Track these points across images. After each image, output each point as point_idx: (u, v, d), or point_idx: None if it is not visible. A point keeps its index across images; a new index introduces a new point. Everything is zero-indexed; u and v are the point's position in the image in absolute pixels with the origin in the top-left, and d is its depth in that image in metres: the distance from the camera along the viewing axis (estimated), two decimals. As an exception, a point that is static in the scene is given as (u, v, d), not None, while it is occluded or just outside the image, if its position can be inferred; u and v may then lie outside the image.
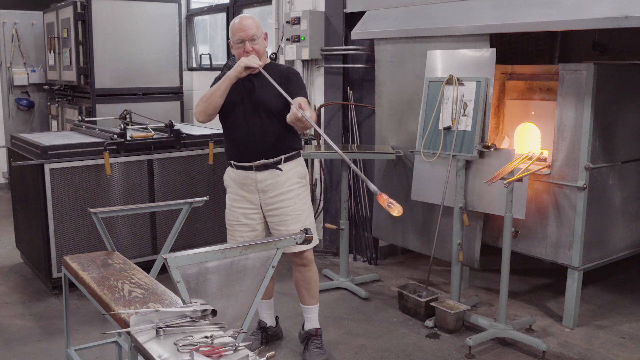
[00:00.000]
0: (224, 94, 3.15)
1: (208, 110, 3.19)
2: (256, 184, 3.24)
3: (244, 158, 3.25)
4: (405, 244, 4.67)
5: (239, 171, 3.28)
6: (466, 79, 3.85)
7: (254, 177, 3.24)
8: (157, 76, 6.57)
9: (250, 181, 3.25)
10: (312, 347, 3.44)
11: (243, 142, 3.24)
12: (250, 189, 3.26)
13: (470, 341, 3.49)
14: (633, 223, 4.16)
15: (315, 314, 3.48)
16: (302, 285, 3.44)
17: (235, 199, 3.32)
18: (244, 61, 3.09)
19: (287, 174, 3.26)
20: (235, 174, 3.30)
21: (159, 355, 1.72)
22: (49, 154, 4.17)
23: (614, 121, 3.85)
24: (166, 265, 2.08)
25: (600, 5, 3.30)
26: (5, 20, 7.47)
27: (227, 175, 3.38)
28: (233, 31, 3.21)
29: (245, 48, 3.17)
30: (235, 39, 3.20)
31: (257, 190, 3.26)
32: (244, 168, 3.26)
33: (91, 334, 3.67)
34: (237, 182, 3.29)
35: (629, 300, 4.33)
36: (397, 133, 4.56)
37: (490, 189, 3.77)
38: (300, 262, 3.37)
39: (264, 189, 3.25)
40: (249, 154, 3.23)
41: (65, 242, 4.26)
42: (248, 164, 3.24)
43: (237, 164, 3.28)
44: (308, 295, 3.45)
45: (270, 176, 3.24)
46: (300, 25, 5.01)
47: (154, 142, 4.60)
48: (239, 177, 3.28)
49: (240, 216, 3.31)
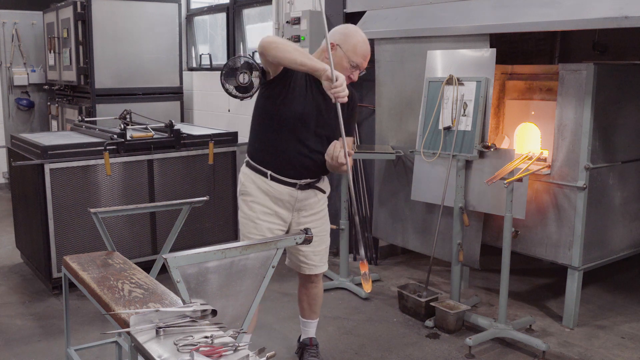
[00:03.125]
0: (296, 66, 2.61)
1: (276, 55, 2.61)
2: (295, 203, 2.96)
3: (289, 173, 2.90)
4: (405, 244, 4.67)
5: (276, 184, 2.91)
6: (466, 79, 3.85)
7: (295, 195, 2.93)
8: (157, 76, 6.57)
9: (290, 198, 2.94)
10: (308, 357, 3.33)
11: (294, 159, 2.88)
12: (287, 206, 2.96)
13: (470, 341, 3.49)
14: (633, 223, 4.16)
15: (314, 328, 3.36)
16: (305, 300, 3.28)
17: (265, 212, 2.95)
18: (343, 84, 2.58)
19: (323, 194, 3.07)
20: (269, 185, 2.92)
21: (159, 355, 1.72)
22: (49, 154, 4.17)
23: (614, 121, 3.85)
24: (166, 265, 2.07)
25: (600, 5, 3.30)
26: (5, 20, 7.47)
27: (250, 182, 2.96)
28: (357, 51, 2.82)
29: (352, 76, 2.87)
30: (355, 60, 2.83)
31: (293, 208, 2.97)
32: (285, 183, 2.91)
33: (91, 334, 3.67)
34: (271, 195, 2.93)
35: (629, 300, 4.33)
36: (397, 133, 4.56)
37: (490, 189, 3.77)
38: (309, 280, 3.21)
39: (300, 208, 2.99)
40: (295, 171, 2.90)
41: (65, 242, 4.26)
42: (292, 181, 2.90)
43: (277, 177, 2.90)
44: (310, 310, 3.31)
45: (310, 195, 2.99)
46: (300, 25, 5.01)
47: (154, 142, 4.61)
48: (275, 191, 2.92)
49: (266, 230, 2.95)
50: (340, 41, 2.83)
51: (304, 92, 2.81)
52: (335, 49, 2.81)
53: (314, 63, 2.58)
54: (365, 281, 2.62)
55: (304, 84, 2.82)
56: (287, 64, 2.61)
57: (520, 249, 4.04)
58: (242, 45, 6.46)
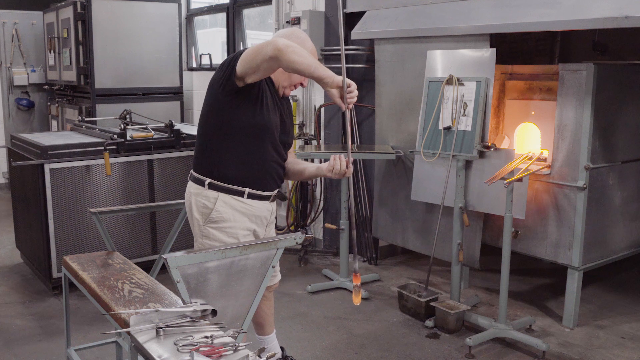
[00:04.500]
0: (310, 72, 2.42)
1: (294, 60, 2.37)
2: (269, 216, 2.82)
3: (266, 186, 2.74)
4: (405, 244, 4.67)
5: (252, 201, 2.70)
6: (466, 79, 3.85)
7: (270, 208, 2.80)
8: (157, 76, 6.57)
9: (266, 213, 2.78)
10: None
11: (272, 167, 2.75)
12: (263, 222, 2.79)
13: (470, 341, 3.49)
14: (633, 223, 4.16)
15: (275, 341, 3.15)
16: (269, 313, 3.07)
17: (244, 235, 2.72)
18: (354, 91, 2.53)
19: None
20: (246, 204, 2.69)
21: (159, 355, 1.72)
22: (49, 154, 4.17)
23: (614, 121, 3.85)
24: (166, 265, 2.08)
25: (600, 5, 3.30)
26: (5, 20, 7.48)
27: (226, 208, 2.67)
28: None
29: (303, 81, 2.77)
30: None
31: (267, 222, 2.83)
32: (261, 198, 2.73)
33: (91, 334, 3.67)
34: (249, 215, 2.71)
35: (629, 300, 4.33)
36: (397, 133, 4.56)
37: (490, 189, 3.77)
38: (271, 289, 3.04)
39: (270, 222, 2.86)
40: (273, 181, 2.77)
41: (65, 242, 4.26)
42: (267, 194, 2.75)
43: (255, 193, 2.70)
44: (268, 325, 3.10)
45: (274, 206, 2.87)
46: (300, 25, 5.01)
47: (154, 142, 4.61)
48: (253, 209, 2.72)
49: None
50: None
51: (271, 100, 2.69)
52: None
53: (324, 70, 2.45)
54: (355, 294, 2.59)
55: (269, 93, 2.68)
56: (301, 69, 2.40)
57: (520, 249, 4.04)
58: (242, 45, 6.47)
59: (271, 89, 2.70)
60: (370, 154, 4.45)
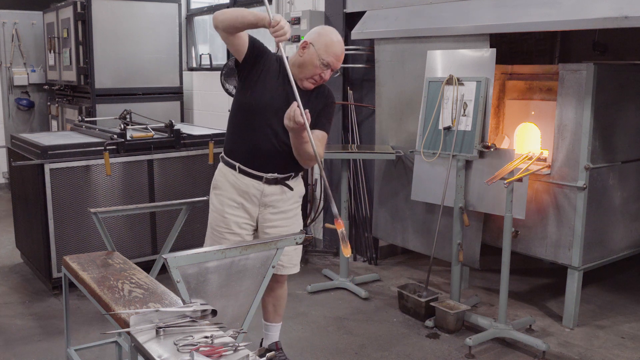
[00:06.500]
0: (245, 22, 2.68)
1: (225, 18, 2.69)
2: (261, 197, 2.95)
3: (255, 165, 2.92)
4: (405, 244, 4.67)
5: (242, 177, 2.93)
6: (466, 79, 3.85)
7: (261, 188, 2.94)
8: (157, 76, 6.57)
9: (256, 192, 2.94)
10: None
11: (262, 148, 2.89)
12: (253, 200, 2.96)
13: (470, 341, 3.49)
14: (633, 223, 4.16)
15: (277, 332, 3.28)
16: (270, 301, 3.19)
17: (230, 205, 2.97)
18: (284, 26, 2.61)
19: (292, 192, 3.03)
20: (236, 178, 2.94)
21: (159, 355, 1.72)
22: (49, 154, 4.17)
23: (614, 121, 3.85)
24: (166, 265, 2.08)
25: (600, 5, 3.30)
26: (5, 20, 7.47)
27: (221, 176, 3.01)
28: (329, 50, 2.82)
29: (323, 74, 2.86)
30: (326, 59, 2.82)
31: (259, 203, 2.97)
32: (251, 176, 2.92)
33: (91, 334, 3.67)
34: (237, 188, 2.95)
35: (629, 300, 4.33)
36: (397, 133, 4.56)
37: (490, 189, 3.77)
38: (275, 280, 3.10)
39: (267, 204, 2.97)
40: (262, 163, 2.91)
41: (65, 242, 4.26)
42: (258, 174, 2.92)
43: (245, 169, 2.93)
44: (274, 312, 3.23)
45: (277, 192, 2.97)
46: (300, 25, 5.01)
47: (154, 142, 4.61)
48: (242, 184, 2.94)
49: (232, 224, 2.97)
50: (313, 40, 2.87)
51: (274, 81, 2.85)
52: (308, 47, 2.86)
53: (258, 14, 2.67)
54: (343, 244, 2.53)
55: (275, 74, 2.87)
56: (237, 24, 2.68)
57: (520, 249, 4.04)
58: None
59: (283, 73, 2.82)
60: (370, 154, 4.45)
